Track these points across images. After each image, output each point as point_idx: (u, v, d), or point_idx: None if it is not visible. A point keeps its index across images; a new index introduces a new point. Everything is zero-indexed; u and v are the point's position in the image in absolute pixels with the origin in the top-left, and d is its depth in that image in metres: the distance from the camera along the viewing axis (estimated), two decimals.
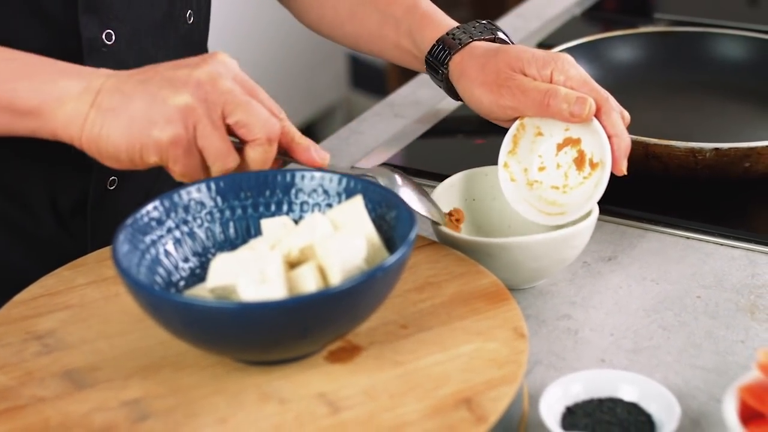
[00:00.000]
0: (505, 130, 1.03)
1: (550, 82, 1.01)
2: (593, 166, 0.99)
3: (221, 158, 0.87)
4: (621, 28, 1.38)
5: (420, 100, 1.39)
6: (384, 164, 1.22)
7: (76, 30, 0.99)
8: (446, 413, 0.77)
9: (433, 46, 1.09)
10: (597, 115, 0.99)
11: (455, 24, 1.11)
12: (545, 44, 1.50)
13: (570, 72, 1.01)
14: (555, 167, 1.01)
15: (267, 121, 0.87)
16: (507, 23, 1.63)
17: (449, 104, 1.36)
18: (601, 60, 1.34)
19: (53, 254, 0.99)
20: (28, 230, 1.06)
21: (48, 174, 1.04)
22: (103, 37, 1.01)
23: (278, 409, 0.78)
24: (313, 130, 3.27)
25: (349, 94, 3.34)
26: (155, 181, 1.12)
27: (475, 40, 1.08)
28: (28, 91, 0.88)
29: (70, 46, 1.00)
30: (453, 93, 1.10)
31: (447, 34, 1.09)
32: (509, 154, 1.02)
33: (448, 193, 1.03)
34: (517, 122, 1.02)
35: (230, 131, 0.87)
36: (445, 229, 0.97)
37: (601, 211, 1.05)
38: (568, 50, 1.30)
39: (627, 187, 1.11)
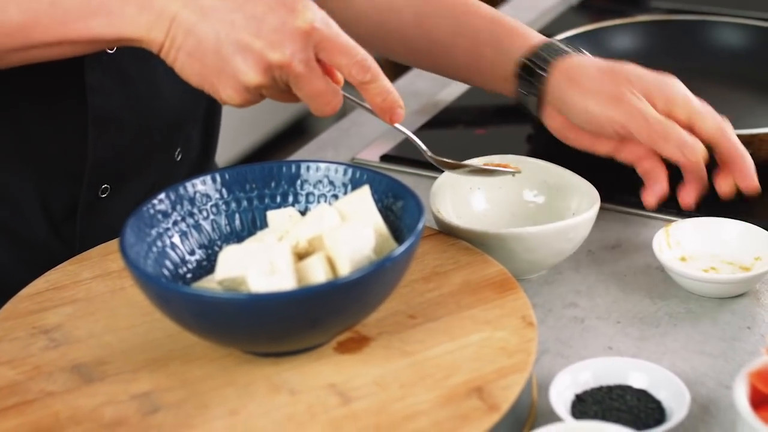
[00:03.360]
0: (510, 120, 1.03)
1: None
2: None
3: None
4: (618, 17, 1.38)
5: (419, 91, 1.39)
6: (385, 155, 1.22)
7: None
8: (458, 402, 0.77)
9: (539, 48, 1.08)
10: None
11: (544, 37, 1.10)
12: (542, 34, 1.49)
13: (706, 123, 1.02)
14: None
15: None
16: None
17: (448, 95, 1.36)
18: (599, 49, 1.34)
19: (44, 259, 0.98)
20: (20, 233, 1.05)
21: (39, 177, 1.03)
22: None
23: (289, 399, 0.78)
24: (307, 123, 3.26)
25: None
26: (148, 193, 1.11)
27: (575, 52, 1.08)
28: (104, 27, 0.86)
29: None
30: (533, 101, 1.08)
31: (546, 43, 1.09)
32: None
33: (452, 182, 1.02)
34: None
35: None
36: (443, 218, 0.96)
37: (605, 200, 1.05)
38: (566, 40, 1.29)
39: (629, 175, 1.11)
